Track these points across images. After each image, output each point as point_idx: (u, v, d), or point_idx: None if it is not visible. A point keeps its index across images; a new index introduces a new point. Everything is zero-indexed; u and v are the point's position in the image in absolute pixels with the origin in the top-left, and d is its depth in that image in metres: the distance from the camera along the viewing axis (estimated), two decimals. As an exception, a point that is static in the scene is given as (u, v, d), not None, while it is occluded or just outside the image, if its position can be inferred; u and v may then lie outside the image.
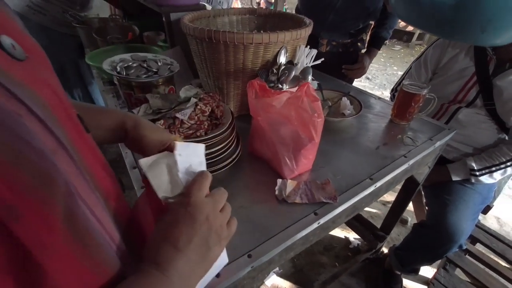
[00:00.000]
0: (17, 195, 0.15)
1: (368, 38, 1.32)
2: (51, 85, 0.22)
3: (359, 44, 1.28)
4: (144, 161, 0.31)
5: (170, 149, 0.34)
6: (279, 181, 0.59)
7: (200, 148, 0.35)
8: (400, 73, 3.95)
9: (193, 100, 0.56)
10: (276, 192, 0.57)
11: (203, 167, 0.34)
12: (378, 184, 0.61)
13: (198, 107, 0.57)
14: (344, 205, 0.55)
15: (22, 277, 0.16)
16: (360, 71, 1.28)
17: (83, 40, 1.35)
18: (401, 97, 0.79)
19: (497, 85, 0.88)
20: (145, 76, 0.70)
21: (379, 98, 0.97)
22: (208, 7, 1.07)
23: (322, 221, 0.53)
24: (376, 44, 1.27)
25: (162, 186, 0.30)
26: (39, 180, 0.16)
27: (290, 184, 0.58)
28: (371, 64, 1.36)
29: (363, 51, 1.32)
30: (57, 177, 0.18)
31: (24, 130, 0.16)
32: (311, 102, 0.52)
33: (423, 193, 1.16)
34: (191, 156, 0.33)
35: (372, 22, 1.28)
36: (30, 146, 0.16)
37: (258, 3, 6.58)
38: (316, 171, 0.64)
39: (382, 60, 4.40)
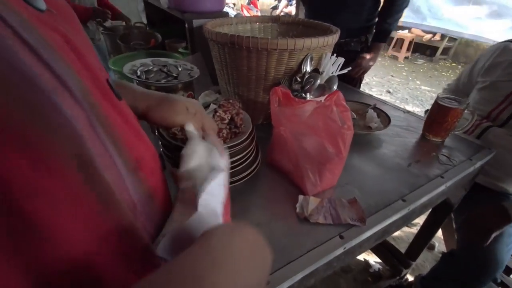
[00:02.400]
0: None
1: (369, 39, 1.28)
2: (70, 41, 0.20)
3: (352, 44, 1.23)
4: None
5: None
6: (301, 197, 0.54)
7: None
8: (424, 87, 3.80)
9: (212, 106, 0.53)
10: (297, 209, 0.52)
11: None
12: (412, 206, 0.54)
13: (217, 114, 0.54)
14: (373, 229, 0.49)
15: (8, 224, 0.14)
16: (359, 69, 1.23)
17: (108, 46, 1.38)
18: (436, 112, 0.72)
19: None
20: (164, 80, 0.68)
21: (408, 111, 0.91)
22: (231, 14, 1.07)
23: (348, 245, 0.47)
24: (378, 37, 1.22)
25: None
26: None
27: (313, 201, 0.53)
28: (392, 78, 1.30)
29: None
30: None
31: (13, 54, 0.14)
32: (341, 113, 0.48)
33: (453, 216, 1.06)
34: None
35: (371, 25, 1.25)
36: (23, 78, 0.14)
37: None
38: (341, 188, 0.58)
39: (404, 74, 4.27)
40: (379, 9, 1.21)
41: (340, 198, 0.54)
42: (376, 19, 1.23)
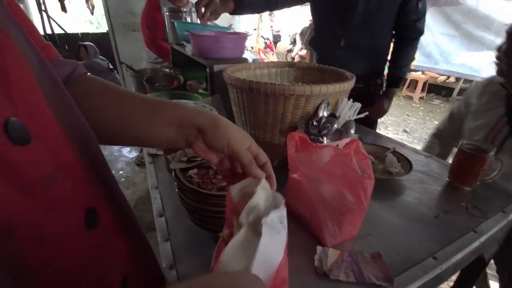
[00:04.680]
0: None
1: (384, 82, 1.32)
2: None
3: (371, 87, 1.27)
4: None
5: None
6: (319, 248, 0.50)
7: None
8: (442, 127, 3.73)
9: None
10: (316, 263, 0.48)
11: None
12: (444, 266, 0.49)
13: (234, 157, 0.54)
14: (402, 291, 0.44)
15: None
16: (379, 111, 1.25)
17: (134, 87, 1.48)
18: (461, 159, 0.69)
19: None
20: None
21: (430, 156, 0.87)
22: (250, 60, 1.14)
23: (374, 310, 0.42)
24: (391, 83, 1.26)
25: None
26: None
27: (332, 254, 0.49)
28: (408, 117, 1.32)
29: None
30: None
31: None
32: (361, 161, 0.46)
33: (495, 267, 0.96)
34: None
35: (385, 68, 1.29)
36: None
37: (293, 58, 7.07)
38: (362, 239, 0.54)
39: (421, 113, 4.24)
40: (390, 55, 1.26)
41: (362, 251, 0.50)
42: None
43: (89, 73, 0.39)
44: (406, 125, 3.73)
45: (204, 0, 0.96)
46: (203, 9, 0.97)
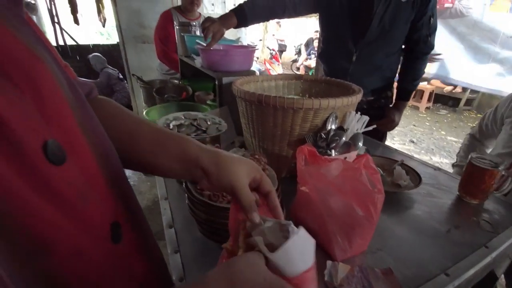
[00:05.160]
0: None
1: (394, 94, 1.32)
2: None
3: (382, 100, 1.27)
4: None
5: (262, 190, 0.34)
6: (329, 263, 0.50)
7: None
8: (450, 138, 3.69)
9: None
10: (325, 278, 0.48)
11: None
12: (456, 282, 0.48)
13: (244, 169, 0.55)
14: (414, 308, 0.44)
15: None
16: (390, 124, 1.25)
17: (143, 97, 1.52)
18: (471, 173, 0.68)
19: None
20: (194, 134, 0.72)
21: (439, 169, 0.87)
22: (257, 72, 1.16)
23: (386, 327, 0.41)
24: (402, 96, 1.26)
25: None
26: None
27: (342, 268, 0.49)
28: (415, 128, 1.32)
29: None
30: None
31: None
32: (371, 175, 0.47)
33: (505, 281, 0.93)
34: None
35: (394, 81, 1.30)
36: None
37: (298, 68, 7.14)
38: (372, 254, 0.54)
39: (427, 124, 4.21)
40: (399, 68, 1.26)
41: (373, 267, 0.50)
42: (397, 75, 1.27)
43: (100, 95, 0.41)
44: (412, 135, 3.70)
45: (208, 27, 1.00)
46: (209, 35, 1.00)
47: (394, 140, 3.56)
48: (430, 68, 4.11)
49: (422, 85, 4.73)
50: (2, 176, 0.18)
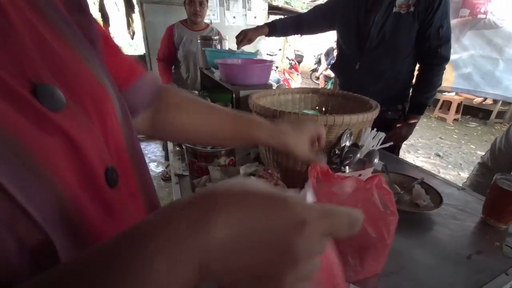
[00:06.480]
0: None
1: (406, 108, 1.30)
2: (72, 138, 0.20)
3: (389, 112, 1.25)
4: None
5: None
6: (339, 284, 0.49)
7: None
8: (480, 152, 3.46)
9: (252, 178, 0.56)
10: (335, 299, 0.47)
11: None
12: (477, 313, 0.45)
13: (256, 184, 0.56)
14: (429, 338, 0.42)
15: None
16: (397, 138, 1.22)
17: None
18: (496, 195, 0.65)
19: None
20: (210, 147, 0.74)
21: (463, 188, 0.83)
22: (274, 79, 1.22)
23: None
24: (413, 109, 1.23)
25: None
26: None
27: (353, 291, 0.48)
28: (441, 140, 1.28)
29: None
30: None
31: None
32: (383, 196, 0.46)
33: None
34: None
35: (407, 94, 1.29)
36: None
37: (317, 78, 7.10)
38: (387, 278, 0.52)
39: (455, 136, 3.99)
40: (414, 81, 1.23)
41: (386, 291, 0.48)
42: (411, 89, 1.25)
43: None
44: (439, 149, 3.52)
45: (242, 35, 1.32)
46: (241, 37, 1.32)
47: (418, 153, 3.40)
48: (461, 80, 3.93)
49: (450, 96, 4.52)
50: (76, 198, 0.20)
